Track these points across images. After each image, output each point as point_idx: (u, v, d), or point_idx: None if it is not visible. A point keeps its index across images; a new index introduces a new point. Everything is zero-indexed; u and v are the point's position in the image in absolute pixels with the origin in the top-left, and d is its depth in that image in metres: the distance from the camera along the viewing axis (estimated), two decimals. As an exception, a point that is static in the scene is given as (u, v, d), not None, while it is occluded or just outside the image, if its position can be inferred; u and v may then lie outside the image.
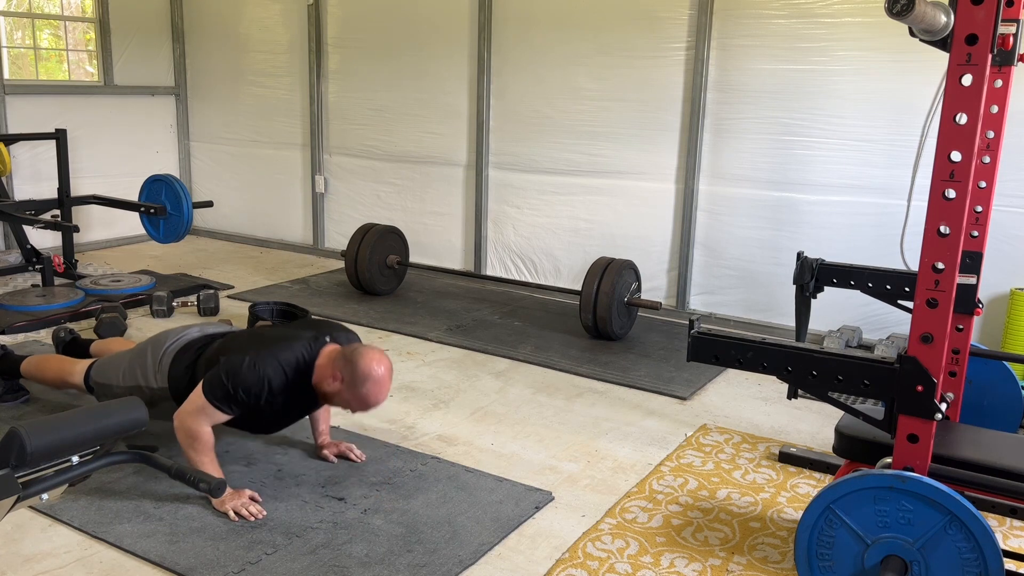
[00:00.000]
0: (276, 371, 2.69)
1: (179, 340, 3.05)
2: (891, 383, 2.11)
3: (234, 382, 2.66)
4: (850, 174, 4.52)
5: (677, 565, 2.52)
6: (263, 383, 2.67)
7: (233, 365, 2.69)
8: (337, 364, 2.70)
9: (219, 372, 2.70)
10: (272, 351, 2.73)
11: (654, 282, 5.17)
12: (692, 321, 2.42)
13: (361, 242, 5.32)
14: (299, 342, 2.78)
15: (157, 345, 3.06)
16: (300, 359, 2.75)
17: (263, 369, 2.68)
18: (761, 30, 4.65)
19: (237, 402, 2.69)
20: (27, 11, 6.45)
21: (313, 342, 2.79)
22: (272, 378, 2.68)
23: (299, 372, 2.74)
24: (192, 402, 2.73)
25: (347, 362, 2.68)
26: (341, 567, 2.44)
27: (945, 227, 1.97)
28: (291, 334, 2.83)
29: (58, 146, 5.58)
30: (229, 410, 2.71)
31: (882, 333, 4.50)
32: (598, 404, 3.77)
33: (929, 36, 1.97)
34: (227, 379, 2.67)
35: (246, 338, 2.88)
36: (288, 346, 2.76)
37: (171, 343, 3.04)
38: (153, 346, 3.07)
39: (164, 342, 3.06)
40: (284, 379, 2.71)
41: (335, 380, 2.70)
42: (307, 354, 2.76)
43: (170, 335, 3.09)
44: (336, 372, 2.70)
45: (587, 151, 5.32)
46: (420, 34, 5.88)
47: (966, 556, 1.96)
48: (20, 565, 2.42)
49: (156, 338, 3.13)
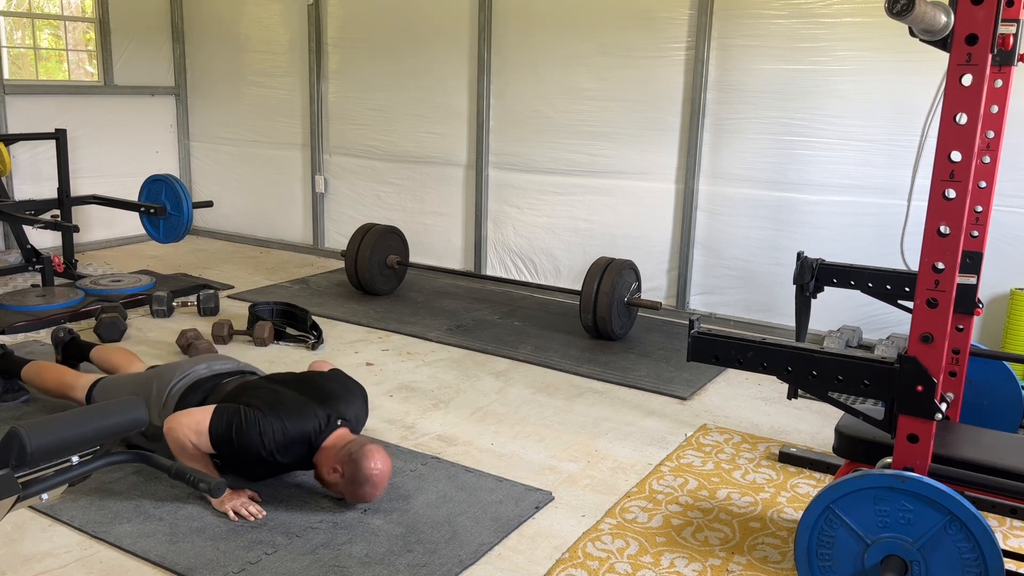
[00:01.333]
0: (281, 440, 2.71)
1: (186, 378, 3.03)
2: (891, 383, 2.11)
3: (239, 435, 2.68)
4: (850, 174, 4.52)
5: (677, 565, 2.52)
6: (264, 446, 2.69)
7: (247, 420, 2.69)
8: (340, 458, 2.71)
9: (233, 416, 2.70)
10: (285, 422, 2.72)
11: (654, 282, 5.17)
12: (692, 321, 2.42)
13: (361, 242, 5.32)
14: (314, 420, 2.77)
15: (163, 381, 3.05)
16: (309, 437, 2.76)
17: (269, 435, 2.68)
18: (761, 30, 4.65)
19: (230, 449, 2.71)
20: (27, 11, 6.45)
21: (326, 423, 2.79)
22: (276, 447, 2.71)
23: (305, 445, 2.76)
24: (192, 418, 2.73)
25: (350, 460, 2.69)
26: (341, 567, 2.44)
27: (945, 227, 1.97)
28: (308, 409, 2.80)
29: (58, 146, 5.58)
30: (219, 449, 2.72)
31: (882, 333, 4.50)
32: (598, 404, 3.77)
33: (929, 36, 1.97)
34: (232, 428, 2.68)
35: (267, 395, 2.84)
36: (302, 421, 2.75)
37: (178, 381, 3.02)
38: (159, 381, 3.05)
39: (170, 379, 3.04)
40: (288, 449, 2.73)
41: (335, 472, 2.72)
42: (316, 437, 2.77)
43: (176, 371, 3.08)
44: (338, 466, 2.71)
45: (587, 151, 5.32)
46: (420, 34, 5.88)
47: (966, 556, 1.96)
48: (20, 565, 2.42)
49: (162, 371, 3.12)
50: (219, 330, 4.37)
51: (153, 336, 4.48)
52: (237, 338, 4.45)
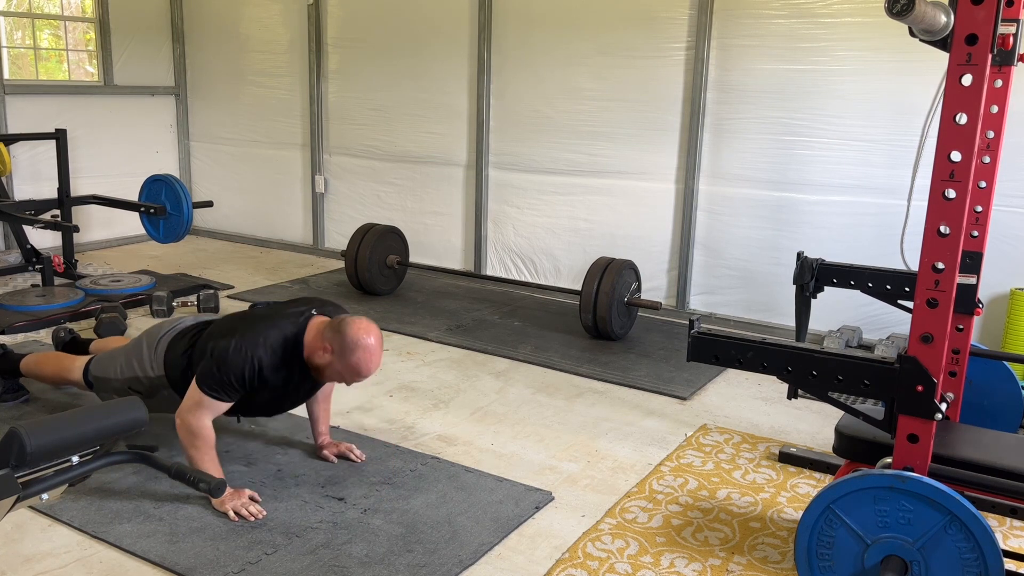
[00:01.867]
0: (265, 350, 2.68)
1: (174, 328, 3.06)
2: (891, 383, 2.11)
3: (225, 369, 2.66)
4: (850, 174, 4.52)
5: (677, 565, 2.52)
6: (253, 364, 2.67)
7: (221, 352, 2.68)
8: (326, 335, 2.69)
9: (209, 362, 2.70)
10: (257, 331, 2.71)
11: (654, 282, 5.17)
12: (692, 321, 2.42)
13: (361, 242, 5.32)
14: (284, 319, 2.77)
15: (152, 335, 3.08)
16: (288, 335, 2.73)
17: (251, 350, 2.67)
18: (761, 30, 4.65)
19: (232, 388, 2.69)
20: (27, 11, 6.46)
21: (299, 317, 2.78)
22: (262, 357, 2.68)
23: (288, 348, 2.73)
24: (189, 398, 2.74)
25: (335, 332, 2.67)
26: (341, 567, 2.44)
27: (945, 227, 1.97)
28: (276, 312, 2.82)
29: (58, 146, 5.58)
30: (226, 397, 2.71)
31: (882, 333, 4.50)
32: (598, 404, 3.77)
33: (929, 36, 1.97)
34: (218, 368, 2.67)
35: (233, 321, 2.86)
36: (274, 324, 2.74)
37: (165, 332, 3.05)
38: (148, 337, 3.09)
39: (159, 332, 3.07)
40: (274, 357, 2.70)
41: (325, 352, 2.69)
42: (294, 330, 2.74)
43: (164, 325, 3.11)
44: (325, 344, 2.68)
45: (587, 151, 5.32)
46: (420, 34, 5.88)
47: (966, 556, 1.96)
48: (20, 565, 2.42)
49: (151, 329, 3.14)
50: (219, 330, 4.37)
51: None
52: (237, 338, 4.45)
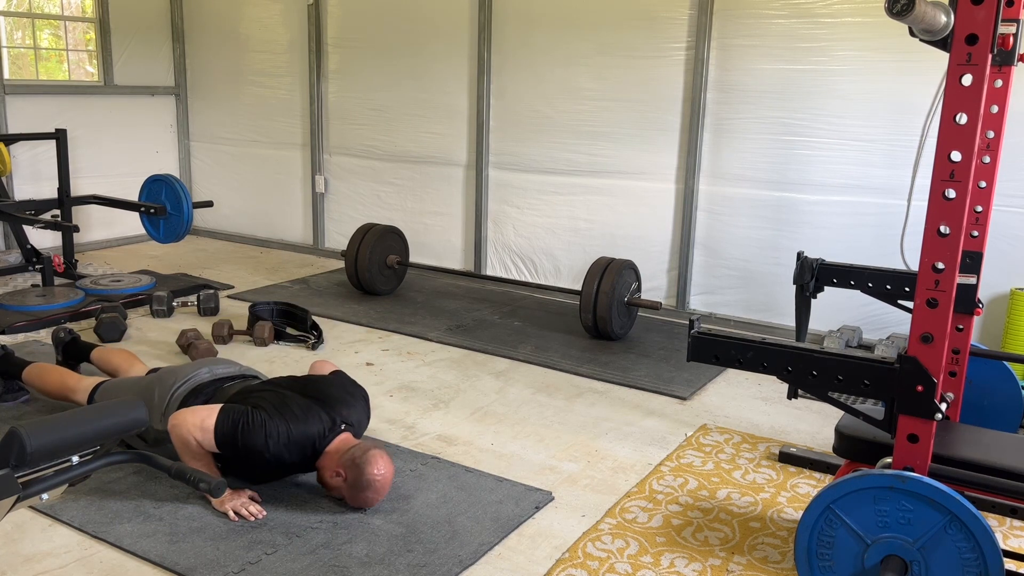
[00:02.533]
0: (284, 443, 2.71)
1: (188, 382, 3.03)
2: (891, 383, 2.11)
3: (244, 436, 2.68)
4: (850, 174, 4.52)
5: (677, 565, 2.52)
6: (267, 449, 2.69)
7: (253, 422, 2.69)
8: (344, 463, 2.72)
9: (239, 416, 2.70)
10: (290, 425, 2.73)
11: (654, 282, 5.17)
12: (692, 321, 2.42)
13: (361, 242, 5.32)
14: (318, 424, 2.78)
15: (164, 385, 3.05)
16: (312, 442, 2.76)
17: (273, 441, 2.69)
18: (761, 30, 4.65)
19: (234, 449, 2.71)
20: (27, 11, 6.45)
21: (330, 427, 2.80)
22: (278, 453, 2.71)
23: (308, 451, 2.77)
24: (197, 416, 2.73)
25: (354, 465, 2.69)
26: (341, 567, 2.44)
27: (945, 227, 1.97)
28: (312, 412, 2.81)
29: (58, 146, 5.58)
30: (223, 448, 2.72)
31: (882, 333, 4.50)
32: (598, 404, 3.77)
33: (929, 36, 1.97)
34: (239, 428, 2.69)
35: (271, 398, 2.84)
36: (307, 425, 2.76)
37: (179, 386, 3.02)
38: (160, 385, 3.06)
39: (172, 383, 3.04)
40: (290, 452, 2.73)
41: (338, 476, 2.73)
42: (320, 441, 2.78)
43: (178, 374, 3.08)
44: (341, 470, 2.72)
45: (587, 151, 5.32)
46: (420, 34, 5.88)
47: (966, 556, 1.96)
48: (20, 565, 2.42)
49: (163, 375, 3.11)
50: (219, 330, 4.37)
51: (153, 336, 4.48)
52: (237, 338, 4.45)
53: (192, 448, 2.71)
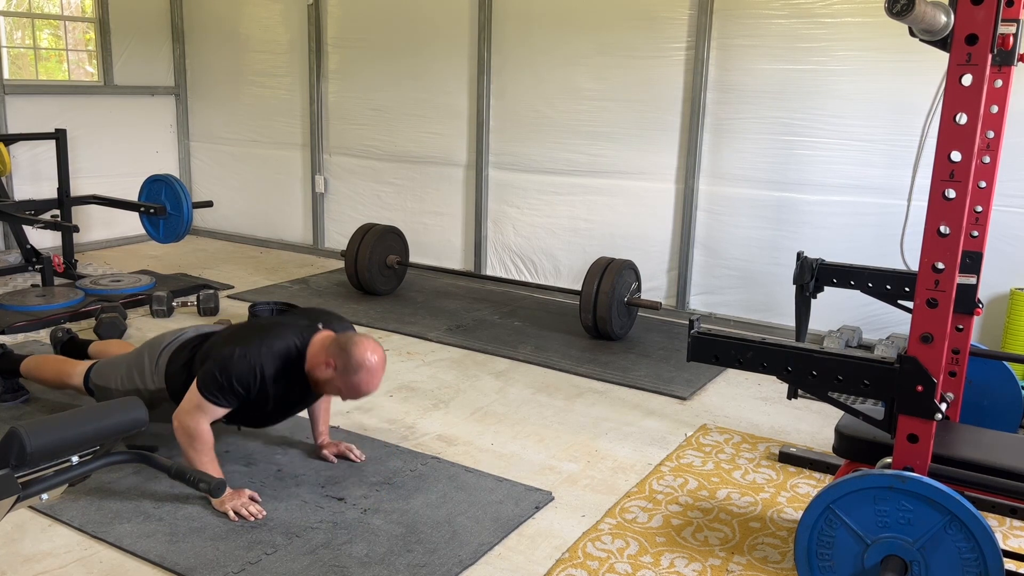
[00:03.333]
0: (268, 360, 2.68)
1: (175, 341, 3.05)
2: (891, 383, 2.11)
3: (227, 374, 2.66)
4: (850, 174, 4.52)
5: (677, 565, 2.52)
6: (255, 372, 2.67)
7: (224, 357, 2.68)
8: (330, 351, 2.69)
9: (212, 366, 2.70)
10: (263, 340, 2.72)
11: (654, 282, 5.17)
12: (692, 321, 2.42)
13: (361, 242, 5.32)
14: (291, 330, 2.77)
15: (154, 347, 3.07)
16: (292, 347, 2.74)
17: (254, 359, 2.67)
18: (761, 30, 4.65)
19: (232, 394, 2.69)
20: (27, 11, 6.45)
21: (305, 330, 2.78)
22: (264, 366, 2.68)
23: (291, 360, 2.73)
24: (189, 400, 2.73)
25: (340, 350, 2.67)
26: (341, 567, 2.44)
27: (945, 227, 1.97)
28: (283, 322, 2.82)
29: (58, 146, 5.58)
30: (225, 403, 2.71)
31: (882, 333, 4.50)
32: (598, 404, 3.77)
33: (929, 36, 1.97)
34: (219, 373, 2.67)
35: (237, 330, 2.86)
36: (279, 334, 2.75)
37: (167, 344, 3.04)
38: (150, 348, 3.08)
39: (160, 344, 3.06)
40: (276, 367, 2.70)
41: (328, 367, 2.70)
42: (299, 342, 2.75)
43: (166, 337, 3.10)
44: (329, 359, 2.69)
45: (587, 151, 5.32)
46: (420, 34, 5.88)
47: (966, 556, 1.96)
48: (20, 565, 2.42)
49: (152, 341, 3.13)
50: (219, 330, 4.37)
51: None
52: (237, 338, 4.45)
53: (202, 437, 2.70)
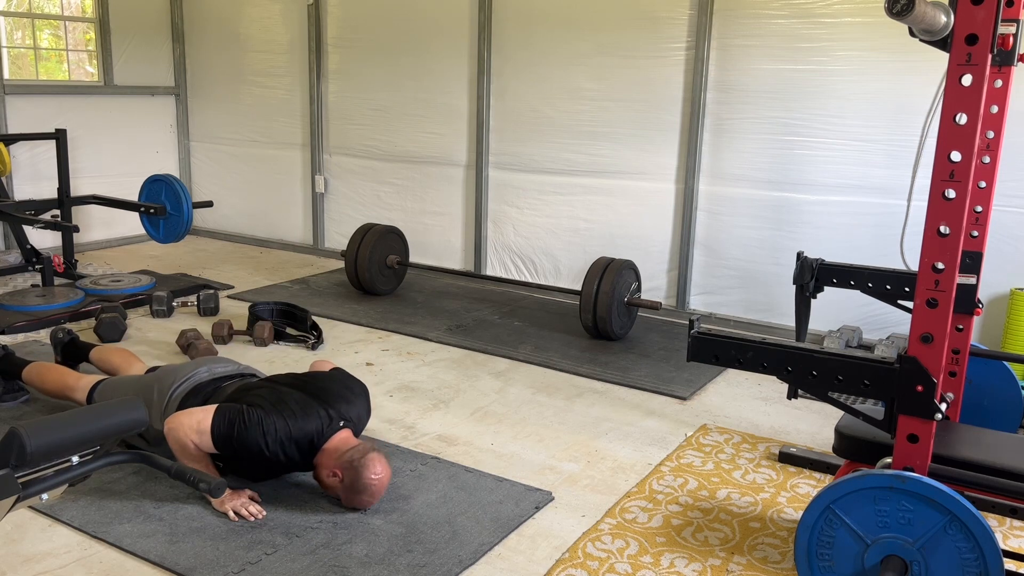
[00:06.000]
0: (284, 442, 2.71)
1: (187, 382, 3.03)
2: (891, 383, 2.11)
3: (240, 434, 2.67)
4: (850, 174, 4.52)
5: (677, 565, 2.52)
6: (265, 447, 2.68)
7: (249, 420, 2.69)
8: (342, 464, 2.72)
9: (235, 416, 2.70)
10: (290, 421, 2.72)
11: (654, 282, 5.17)
12: (692, 321, 2.42)
13: (361, 242, 5.32)
14: (317, 420, 2.77)
15: (163, 385, 3.04)
16: (312, 439, 2.76)
17: (271, 439, 2.68)
18: (761, 30, 4.65)
19: (231, 448, 2.70)
20: (27, 11, 6.45)
21: (330, 424, 2.79)
22: (276, 451, 2.70)
23: (305, 448, 2.76)
24: (193, 418, 2.72)
25: (351, 467, 2.69)
26: (341, 567, 2.44)
27: (945, 227, 1.97)
28: (311, 408, 2.79)
29: (58, 146, 5.58)
30: (220, 448, 2.72)
31: (882, 333, 4.50)
32: (598, 404, 3.77)
33: (929, 36, 1.97)
34: (235, 427, 2.68)
35: (269, 395, 2.83)
36: (305, 421, 2.75)
37: (179, 386, 3.02)
38: (159, 385, 3.05)
39: (171, 383, 3.03)
40: (289, 450, 2.73)
41: (335, 476, 2.73)
42: (318, 438, 2.77)
43: (177, 375, 3.07)
44: (338, 471, 2.72)
45: (587, 151, 5.32)
46: (420, 34, 5.88)
47: (966, 556, 1.96)
48: (20, 565, 2.42)
49: (162, 374, 3.11)
50: (219, 330, 4.37)
51: (153, 336, 4.48)
52: (237, 338, 4.45)
53: (190, 451, 2.71)
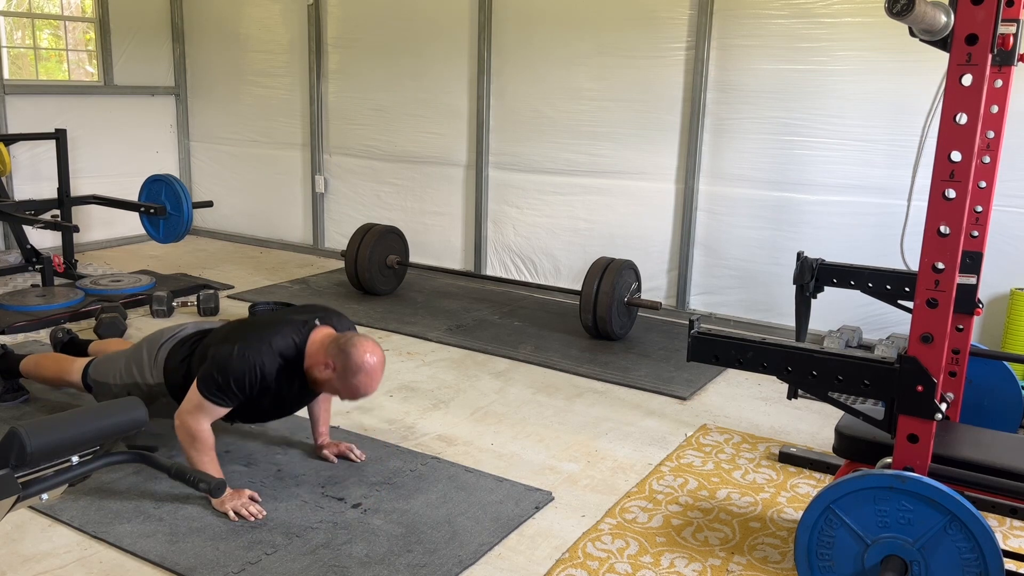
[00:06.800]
0: (267, 357, 2.68)
1: (174, 336, 3.06)
2: (891, 383, 2.11)
3: (225, 374, 2.65)
4: (850, 174, 4.52)
5: (677, 565, 2.52)
6: (254, 370, 2.66)
7: (223, 356, 2.68)
8: (330, 352, 2.68)
9: (210, 366, 2.69)
10: (261, 338, 2.71)
11: (654, 282, 5.17)
12: (692, 321, 2.42)
13: (361, 242, 5.32)
14: (289, 327, 2.75)
15: (152, 342, 3.07)
16: (291, 344, 2.73)
17: (253, 357, 2.66)
18: (761, 30, 4.65)
19: (231, 393, 2.68)
20: (27, 11, 6.45)
21: (304, 326, 2.77)
22: (263, 365, 2.67)
23: (290, 358, 2.72)
24: (189, 400, 2.73)
25: (340, 351, 2.66)
26: (341, 567, 2.44)
27: (945, 227, 1.97)
28: (281, 319, 2.81)
29: (58, 146, 5.58)
30: (225, 402, 2.70)
31: (882, 333, 4.50)
32: (598, 404, 3.77)
33: (929, 36, 1.97)
34: (218, 372, 2.66)
35: (235, 327, 2.85)
36: (278, 331, 2.73)
37: (166, 339, 3.05)
38: (148, 343, 3.08)
39: (159, 339, 3.06)
40: (275, 365, 2.69)
41: (327, 368, 2.69)
42: (298, 339, 2.74)
43: (165, 332, 3.10)
44: (328, 360, 2.68)
45: (587, 151, 5.32)
46: (420, 34, 5.88)
47: (966, 556, 1.96)
48: (20, 565, 2.42)
49: (152, 336, 3.13)
50: (219, 330, 4.37)
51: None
52: (237, 338, 4.45)
53: (202, 437, 2.70)
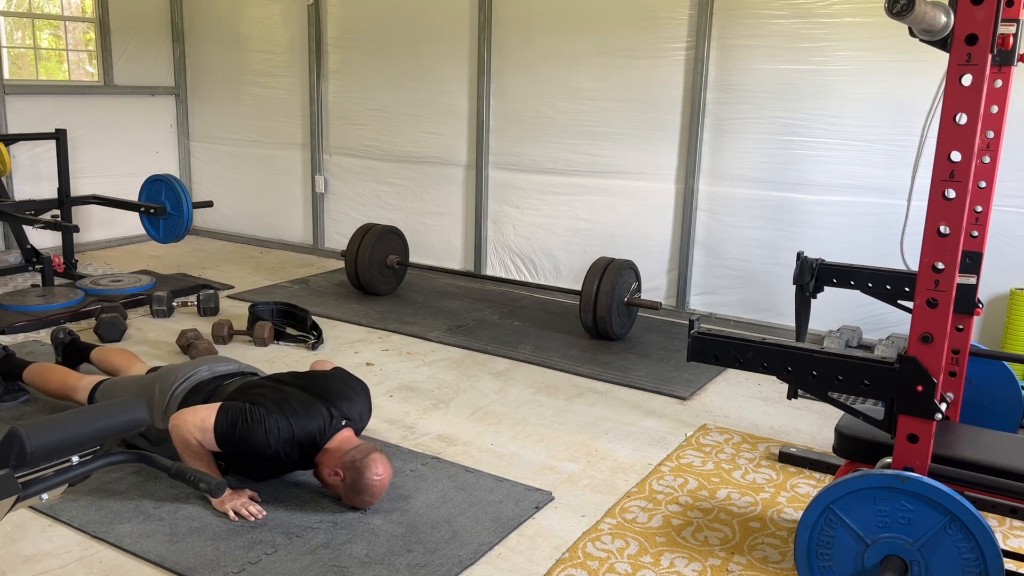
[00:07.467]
0: (287, 441, 2.71)
1: (188, 380, 3.03)
2: (891, 383, 2.11)
3: (243, 432, 2.68)
4: (850, 174, 4.52)
5: (677, 565, 2.52)
6: (267, 446, 2.69)
7: (252, 418, 2.69)
8: (344, 463, 2.72)
9: (238, 414, 2.70)
10: (293, 420, 2.73)
11: (654, 282, 5.17)
12: (692, 321, 2.42)
13: (361, 242, 5.32)
14: (318, 419, 2.77)
15: (165, 384, 3.04)
16: (313, 439, 2.76)
17: (274, 437, 2.69)
18: (761, 30, 4.65)
19: (234, 446, 2.71)
20: (27, 11, 6.45)
21: (330, 423, 2.80)
22: (279, 449, 2.71)
23: (307, 447, 2.77)
24: (197, 416, 2.73)
25: (353, 467, 2.69)
26: (341, 567, 2.44)
27: (945, 227, 1.97)
28: (313, 407, 2.80)
29: (58, 146, 5.58)
30: (223, 446, 2.72)
31: (882, 333, 4.50)
32: (598, 404, 3.77)
33: (929, 36, 1.97)
34: (237, 426, 2.69)
35: (271, 394, 2.84)
36: (308, 420, 2.75)
37: (180, 384, 3.02)
38: (161, 384, 3.05)
39: (173, 382, 3.04)
40: (291, 450, 2.73)
41: (336, 475, 2.73)
42: (320, 437, 2.77)
43: (179, 374, 3.07)
44: (339, 470, 2.72)
45: (587, 151, 5.32)
46: (420, 34, 5.88)
47: (966, 556, 1.96)
48: (20, 565, 2.42)
49: (165, 375, 3.11)
50: (219, 330, 4.37)
51: (153, 336, 4.48)
52: (237, 338, 4.45)
53: (193, 448, 2.71)
